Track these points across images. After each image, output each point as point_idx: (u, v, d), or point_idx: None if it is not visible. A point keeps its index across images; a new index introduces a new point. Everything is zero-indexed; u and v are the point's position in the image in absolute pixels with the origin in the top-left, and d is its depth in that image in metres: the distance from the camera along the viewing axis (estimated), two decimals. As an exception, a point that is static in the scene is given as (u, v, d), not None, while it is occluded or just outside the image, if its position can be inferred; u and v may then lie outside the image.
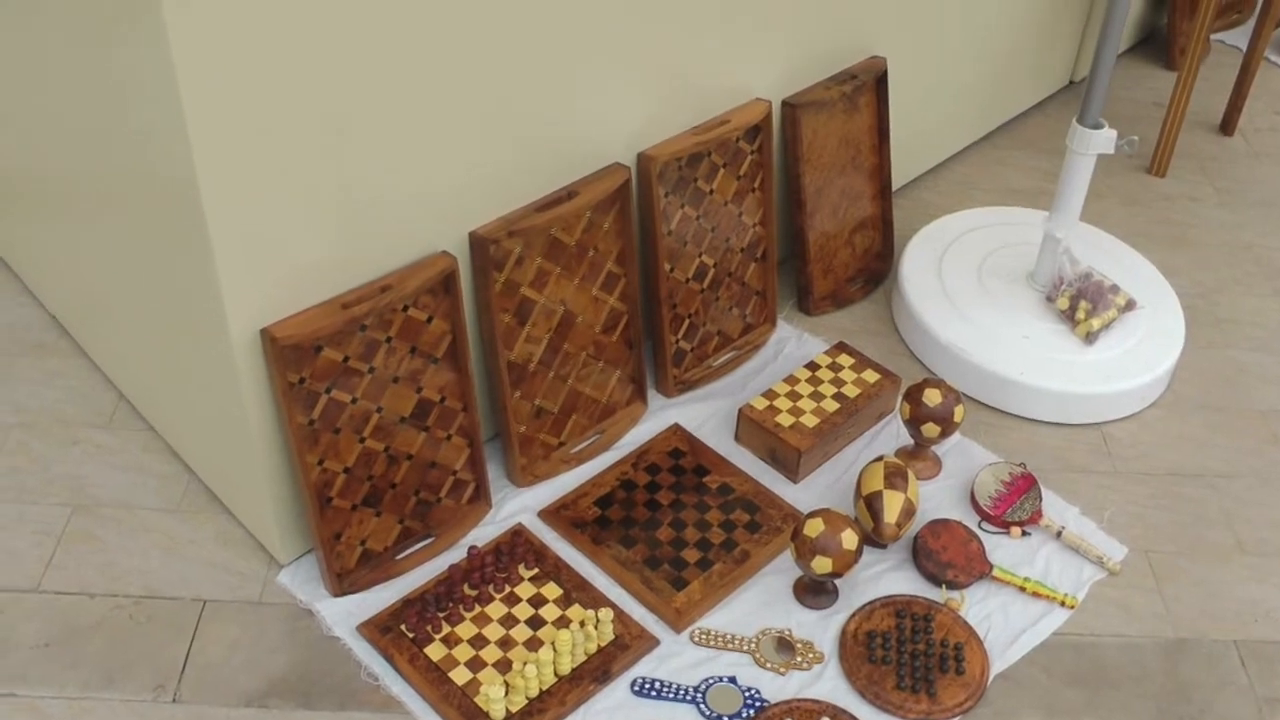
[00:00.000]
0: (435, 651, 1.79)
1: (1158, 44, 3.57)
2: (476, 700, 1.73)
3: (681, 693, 1.78)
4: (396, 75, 1.64)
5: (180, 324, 1.80)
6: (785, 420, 2.13)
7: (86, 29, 1.59)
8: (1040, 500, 2.07)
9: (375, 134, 1.66)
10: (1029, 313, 2.39)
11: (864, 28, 2.43)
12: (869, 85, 2.44)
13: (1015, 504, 2.06)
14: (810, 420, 2.13)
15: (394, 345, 1.80)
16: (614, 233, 2.04)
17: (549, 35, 1.80)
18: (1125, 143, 2.23)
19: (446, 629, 1.82)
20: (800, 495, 2.09)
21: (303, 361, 1.70)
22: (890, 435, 2.22)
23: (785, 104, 2.30)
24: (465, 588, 1.87)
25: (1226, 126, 3.22)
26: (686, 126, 2.13)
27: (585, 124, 1.95)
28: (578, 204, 1.95)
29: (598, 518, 2.01)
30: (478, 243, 1.86)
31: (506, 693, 1.72)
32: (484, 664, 1.78)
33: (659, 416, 2.21)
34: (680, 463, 2.11)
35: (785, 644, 1.85)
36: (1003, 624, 1.90)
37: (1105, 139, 2.23)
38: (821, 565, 1.81)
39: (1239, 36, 3.56)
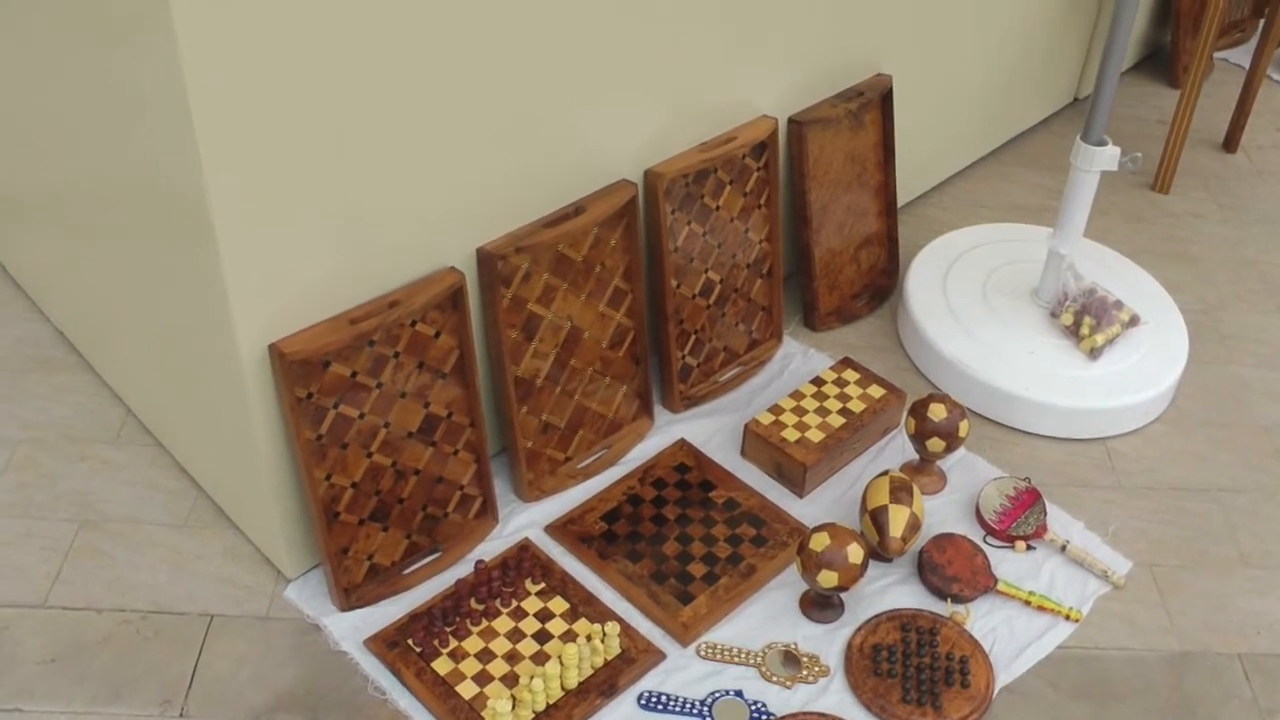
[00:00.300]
0: (442, 666, 1.80)
1: (1161, 62, 3.58)
2: (484, 714, 1.73)
3: (688, 706, 1.78)
4: (406, 92, 1.65)
5: (188, 339, 1.81)
6: (791, 435, 2.13)
7: (96, 45, 1.61)
8: (1045, 515, 2.07)
9: (384, 150, 1.67)
10: (1033, 328, 2.40)
11: (869, 45, 2.44)
12: (874, 102, 2.46)
13: (1020, 518, 2.06)
14: (816, 435, 2.14)
15: (402, 360, 1.81)
16: (621, 249, 2.05)
17: (557, 53, 1.82)
18: (1129, 159, 2.24)
19: (453, 643, 1.83)
20: (806, 510, 2.09)
21: (311, 376, 1.71)
22: (895, 450, 2.23)
23: (791, 121, 2.31)
24: (472, 602, 1.88)
25: (1229, 144, 3.23)
26: (693, 143, 2.14)
27: (592, 141, 1.96)
28: (585, 220, 1.96)
29: (604, 532, 2.02)
30: (485, 258, 1.87)
31: (513, 707, 1.73)
32: (491, 678, 1.79)
33: (665, 432, 2.22)
34: (686, 478, 2.12)
35: (791, 657, 1.86)
36: (1008, 637, 1.90)
37: (1109, 156, 2.24)
38: (827, 579, 1.81)
39: (1242, 55, 3.58)
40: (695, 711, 1.77)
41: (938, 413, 2.05)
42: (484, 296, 1.90)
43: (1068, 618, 1.94)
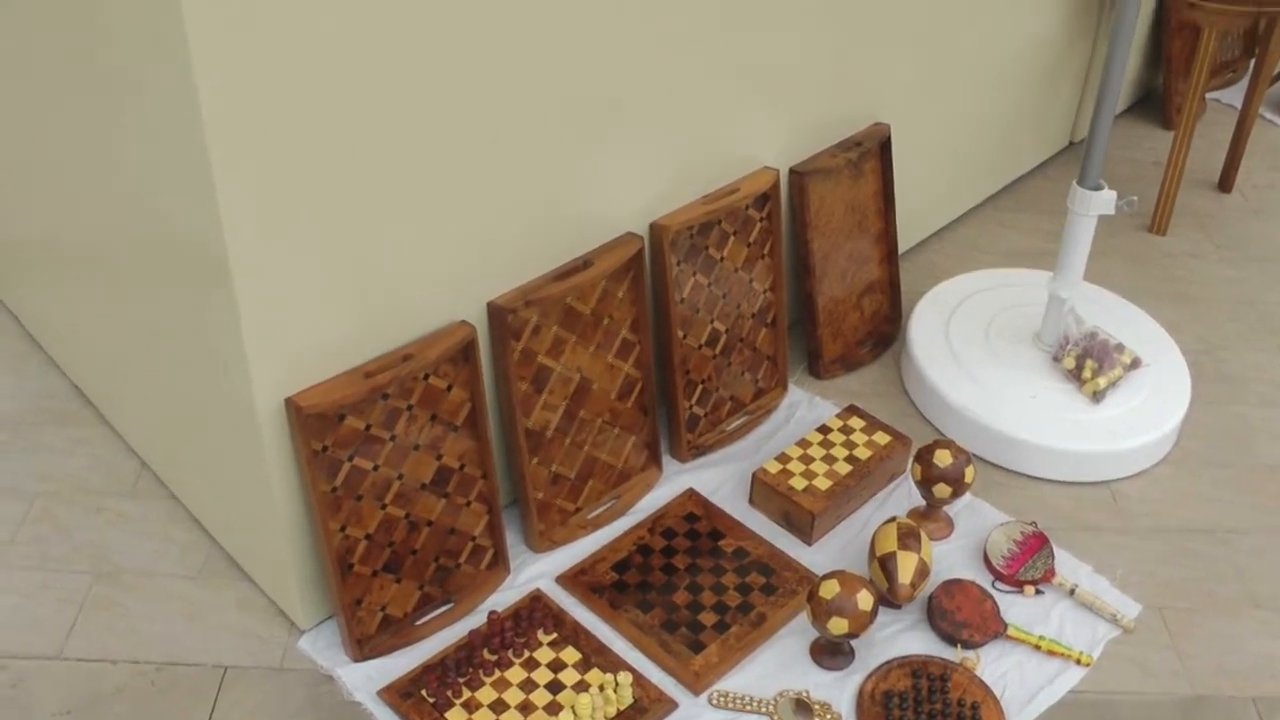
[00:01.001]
0: (456, 716, 1.80)
1: (1154, 104, 3.62)
2: (499, 765, 1.74)
3: (702, 755, 1.79)
4: (419, 151, 1.68)
5: (204, 393, 1.83)
6: (798, 483, 2.15)
7: (115, 100, 1.63)
8: (1052, 559, 2.08)
9: (397, 208, 1.70)
10: (1036, 372, 2.42)
11: (867, 95, 2.48)
12: (873, 152, 2.49)
13: (1028, 563, 2.08)
14: (823, 483, 2.15)
15: (415, 413, 1.83)
16: (628, 301, 2.08)
17: (563, 111, 1.85)
18: (1125, 203, 2.26)
19: (467, 694, 1.83)
20: (815, 557, 2.10)
21: (326, 430, 1.73)
22: (902, 496, 2.24)
23: (792, 172, 2.35)
24: (485, 653, 1.89)
25: (1224, 184, 3.26)
26: (697, 196, 2.17)
27: (599, 196, 1.99)
28: (593, 273, 1.99)
29: (615, 582, 2.03)
30: (496, 312, 1.89)
31: (528, 757, 1.74)
32: (505, 729, 1.80)
33: (674, 481, 2.23)
34: (695, 527, 2.13)
35: (803, 705, 1.86)
36: (1019, 683, 1.91)
37: (1105, 200, 2.26)
38: (838, 626, 1.82)
39: (1234, 94, 3.61)
40: (709, 760, 1.78)
41: (943, 459, 2.07)
42: (495, 349, 1.92)
43: (1078, 662, 1.95)
